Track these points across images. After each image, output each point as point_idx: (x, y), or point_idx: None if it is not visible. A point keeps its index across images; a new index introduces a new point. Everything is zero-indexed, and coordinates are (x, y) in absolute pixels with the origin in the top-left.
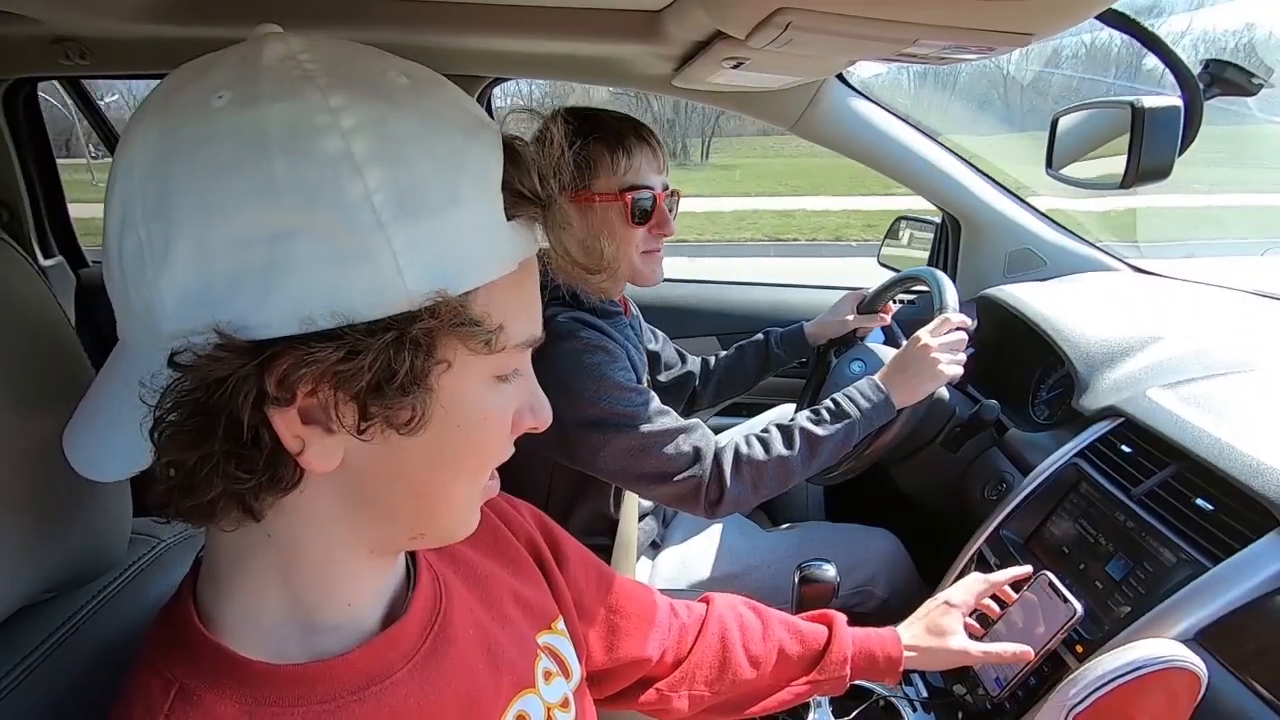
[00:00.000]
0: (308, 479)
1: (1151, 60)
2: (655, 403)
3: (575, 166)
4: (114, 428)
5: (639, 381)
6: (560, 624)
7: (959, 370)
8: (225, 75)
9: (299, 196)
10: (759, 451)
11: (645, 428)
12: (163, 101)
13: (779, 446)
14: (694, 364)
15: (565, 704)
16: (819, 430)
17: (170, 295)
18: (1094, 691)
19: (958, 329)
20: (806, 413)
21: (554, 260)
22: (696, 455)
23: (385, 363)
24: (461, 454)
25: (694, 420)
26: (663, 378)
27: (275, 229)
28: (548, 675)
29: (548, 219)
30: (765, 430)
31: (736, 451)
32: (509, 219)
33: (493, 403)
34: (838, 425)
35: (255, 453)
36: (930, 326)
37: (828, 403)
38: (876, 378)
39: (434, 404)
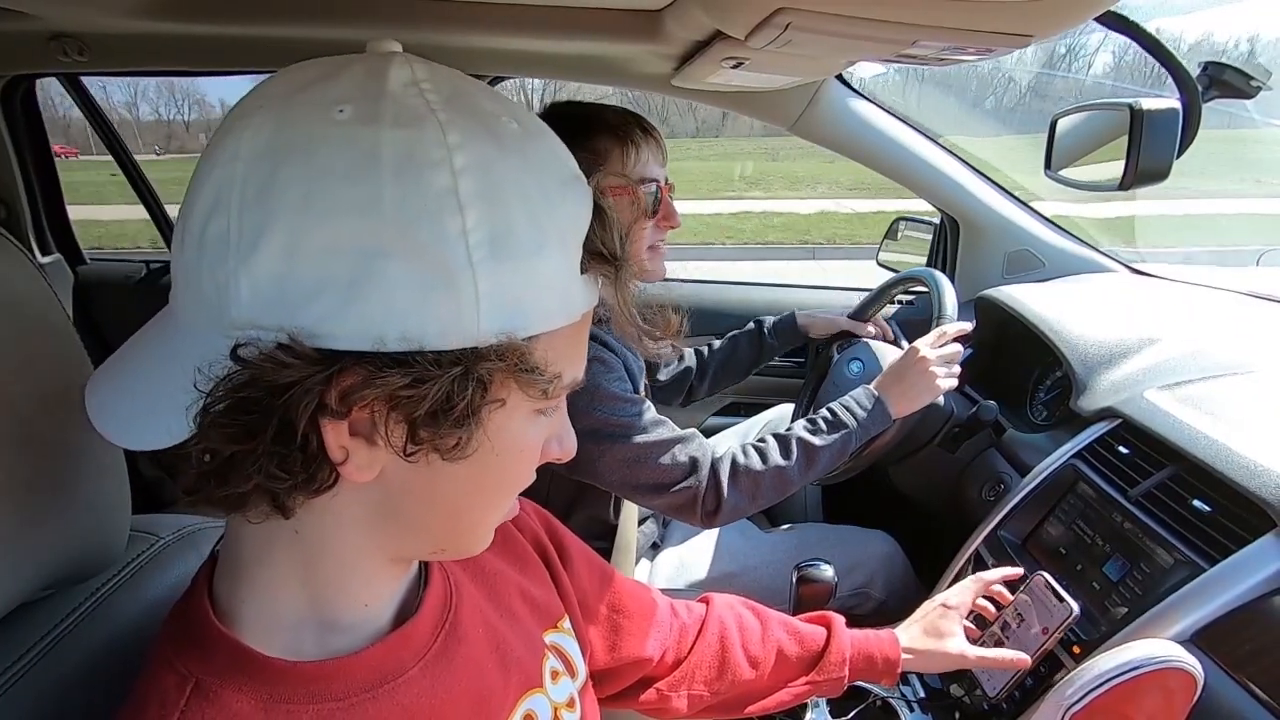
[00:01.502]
0: (342, 485)
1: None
2: (651, 413)
3: (584, 160)
4: (157, 402)
5: (636, 390)
6: (566, 623)
7: (954, 383)
8: (349, 88)
9: (400, 220)
10: (756, 462)
11: (641, 438)
12: (283, 98)
13: (776, 457)
14: (691, 358)
15: (571, 704)
16: (816, 440)
17: (248, 286)
18: (1090, 691)
19: (955, 339)
20: (803, 422)
21: (616, 318)
22: (693, 465)
23: (446, 394)
24: (496, 482)
25: (690, 430)
26: (662, 376)
27: (370, 246)
28: (555, 675)
29: (619, 278)
30: (762, 440)
31: (733, 462)
32: (582, 272)
33: (531, 436)
34: (834, 435)
35: (299, 456)
36: (928, 338)
37: (824, 412)
38: (873, 387)
39: (480, 435)
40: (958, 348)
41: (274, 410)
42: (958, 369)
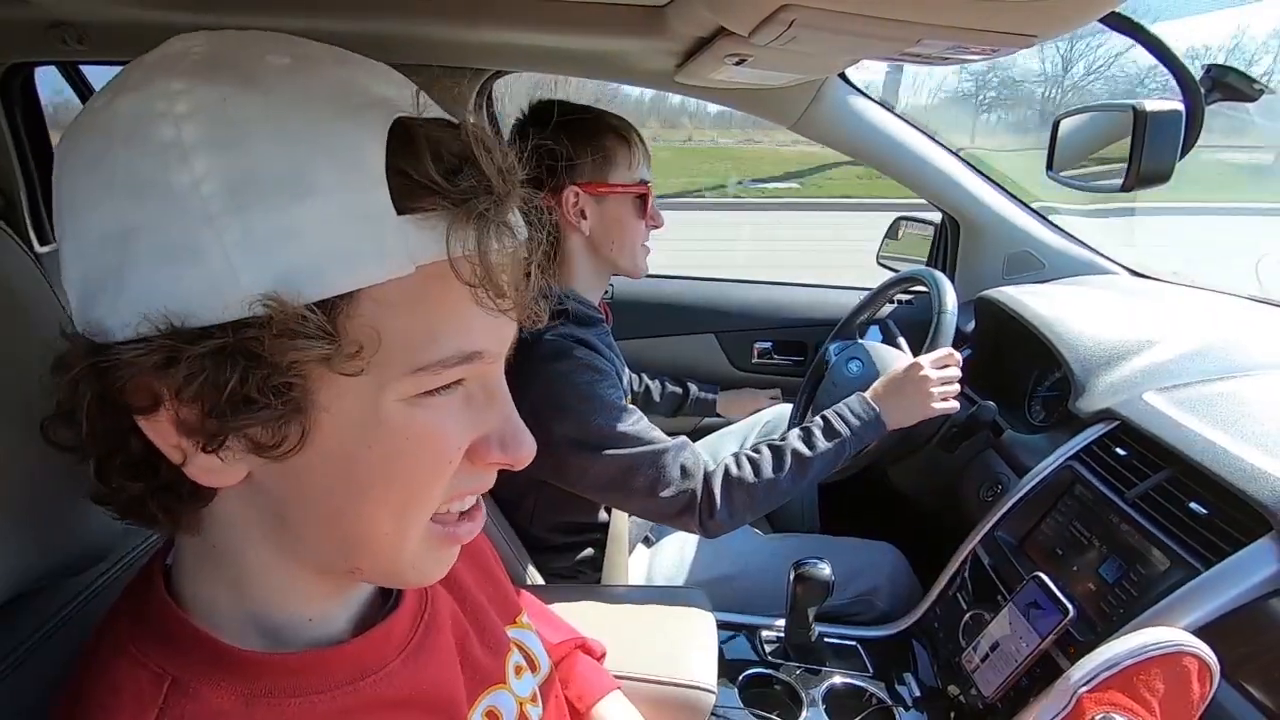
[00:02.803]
0: (226, 491)
1: None
2: (644, 421)
3: (594, 159)
4: None
5: (625, 396)
6: (524, 617)
7: (954, 406)
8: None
9: (130, 190)
10: (749, 473)
11: (635, 447)
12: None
13: (768, 469)
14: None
15: (535, 699)
16: (809, 451)
17: (70, 297)
18: (1101, 673)
19: (955, 365)
20: (798, 431)
21: (460, 267)
22: (686, 473)
23: (209, 374)
24: (378, 482)
25: (682, 438)
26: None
27: (120, 227)
28: (518, 670)
29: (469, 218)
30: (756, 450)
31: (726, 473)
32: (401, 213)
33: (421, 425)
34: (828, 445)
35: (130, 459)
36: (932, 356)
37: (819, 420)
38: (869, 396)
39: (318, 425)
40: (958, 372)
41: (74, 407)
42: (956, 388)
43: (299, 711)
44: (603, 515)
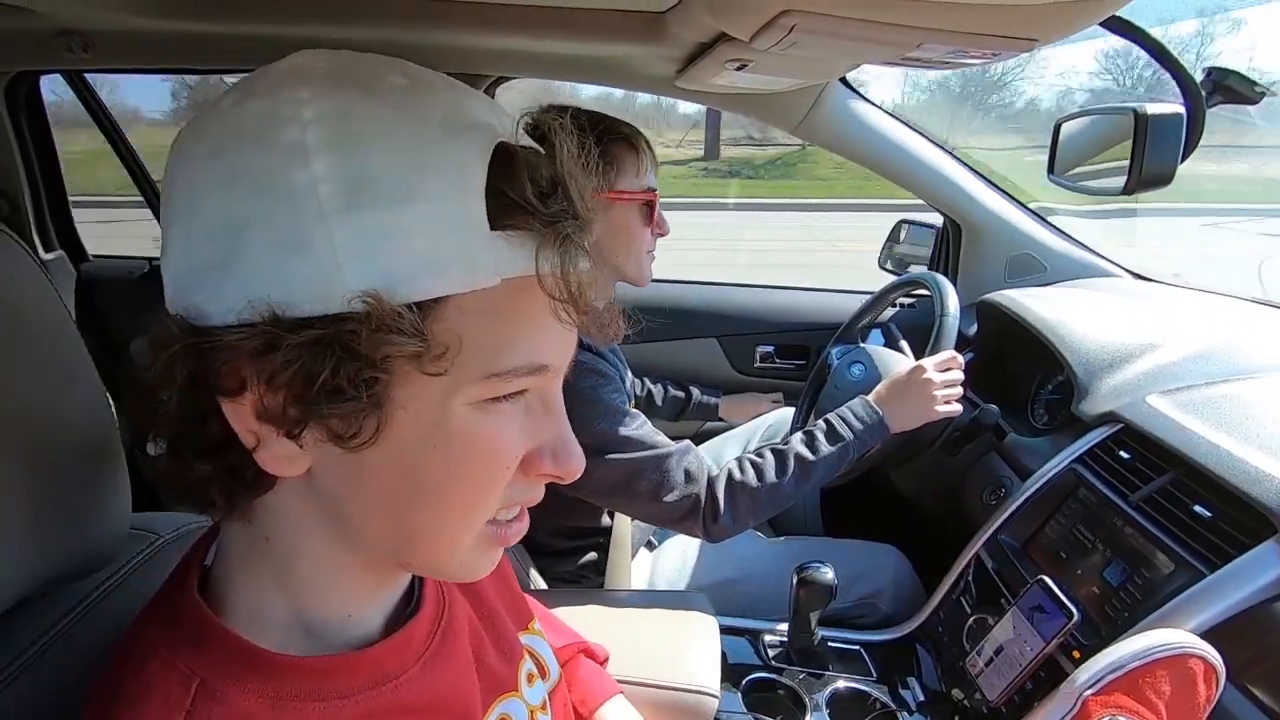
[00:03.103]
0: (284, 483)
1: None
2: (648, 426)
3: (601, 166)
4: None
5: (629, 402)
6: (536, 624)
7: (957, 409)
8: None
9: (250, 185)
10: (752, 478)
11: (638, 451)
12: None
13: (771, 474)
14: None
15: (544, 706)
16: (812, 456)
17: (167, 279)
18: (1106, 676)
19: (958, 368)
20: (801, 435)
21: (545, 283)
22: (689, 477)
23: (304, 363)
24: (441, 483)
25: (686, 443)
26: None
27: (235, 218)
28: (530, 678)
29: (556, 239)
30: (759, 454)
31: (730, 478)
32: (494, 229)
33: (485, 431)
34: (831, 449)
35: (206, 440)
36: (936, 360)
37: (822, 424)
38: (872, 399)
39: (392, 421)
40: (960, 375)
41: (172, 388)
42: (959, 390)
43: (323, 715)
44: (605, 520)
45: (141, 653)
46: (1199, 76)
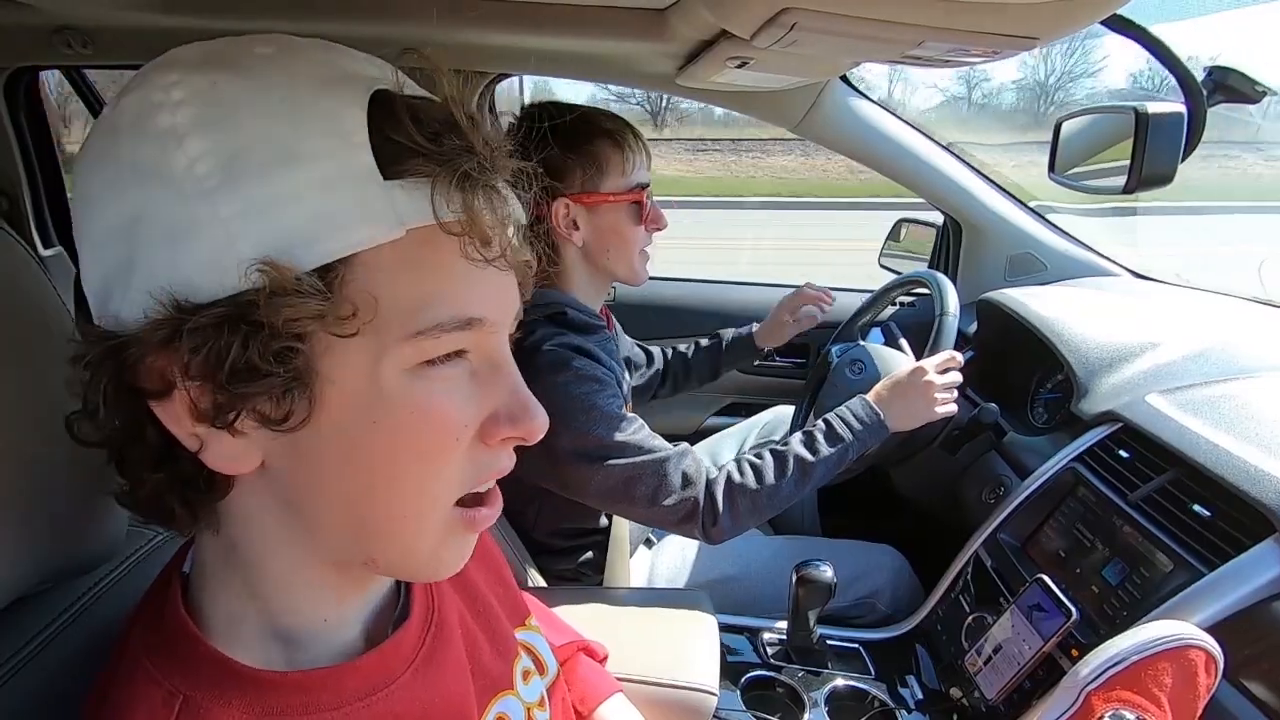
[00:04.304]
0: (242, 485)
1: None
2: (645, 430)
3: (585, 167)
4: None
5: (626, 403)
6: (533, 620)
7: (953, 409)
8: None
9: (134, 178)
10: (751, 480)
11: (636, 457)
12: None
13: (770, 475)
14: (659, 359)
15: (542, 703)
16: (811, 457)
17: (89, 297)
18: (1108, 669)
19: (957, 368)
20: (800, 435)
21: (447, 225)
22: (687, 481)
23: (212, 345)
24: (387, 460)
25: (683, 445)
26: (635, 381)
27: (126, 216)
28: (526, 675)
29: (452, 178)
30: (759, 455)
31: (729, 479)
32: (388, 178)
33: (422, 398)
34: (831, 450)
35: (148, 450)
36: (935, 360)
37: (821, 424)
38: (871, 399)
39: (323, 398)
40: (959, 376)
41: (91, 396)
42: (956, 393)
43: None
44: (604, 520)
45: (128, 663)
46: (1200, 75)
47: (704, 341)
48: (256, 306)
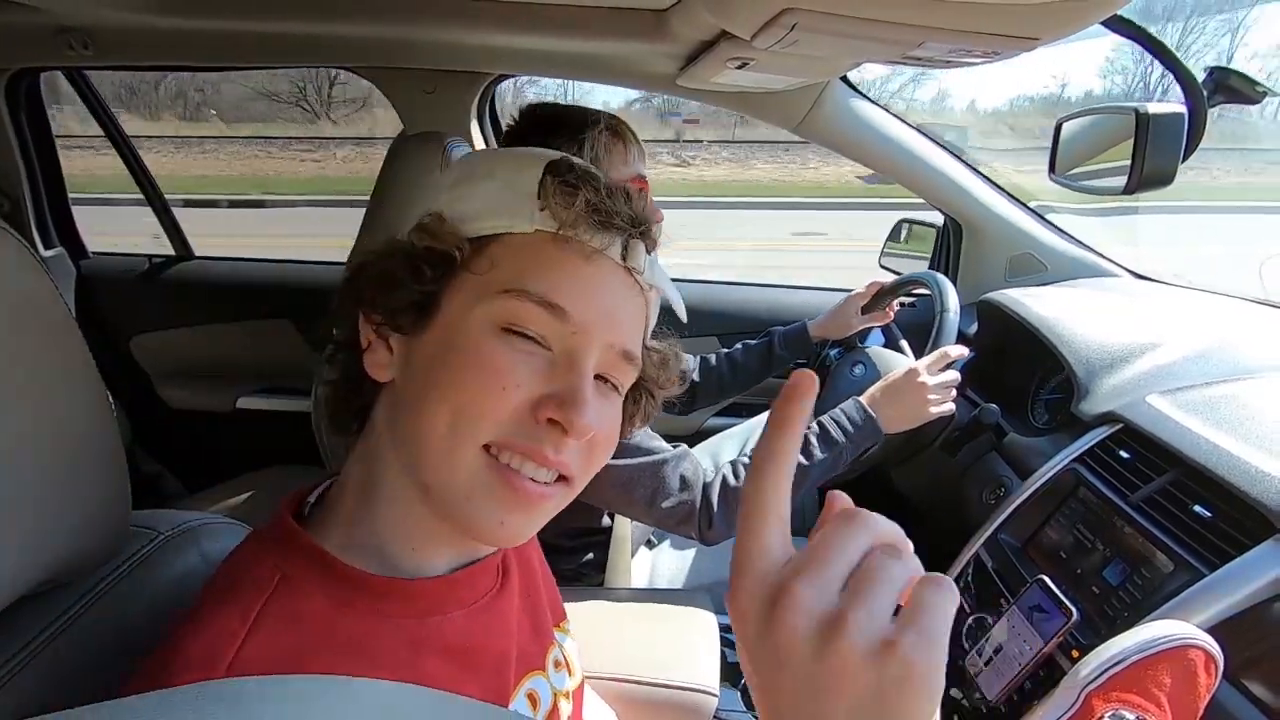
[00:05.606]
0: (379, 397)
1: None
2: (644, 431)
3: (587, 158)
4: None
5: None
6: (568, 625)
7: (950, 409)
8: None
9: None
10: None
11: (635, 458)
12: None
13: None
14: (690, 363)
15: (568, 695)
16: (806, 460)
17: None
18: (1108, 670)
19: (954, 362)
20: None
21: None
22: (685, 484)
23: (389, 267)
24: (444, 380)
25: (682, 448)
26: None
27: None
28: (557, 664)
29: (580, 212)
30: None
31: (724, 485)
32: (539, 198)
33: (491, 348)
34: (825, 454)
35: (351, 351)
36: (927, 361)
37: (815, 427)
38: (865, 401)
39: (435, 318)
40: (955, 375)
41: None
42: (954, 393)
43: (371, 627)
44: (606, 520)
45: (250, 550)
46: (1200, 76)
47: (751, 341)
48: (428, 249)
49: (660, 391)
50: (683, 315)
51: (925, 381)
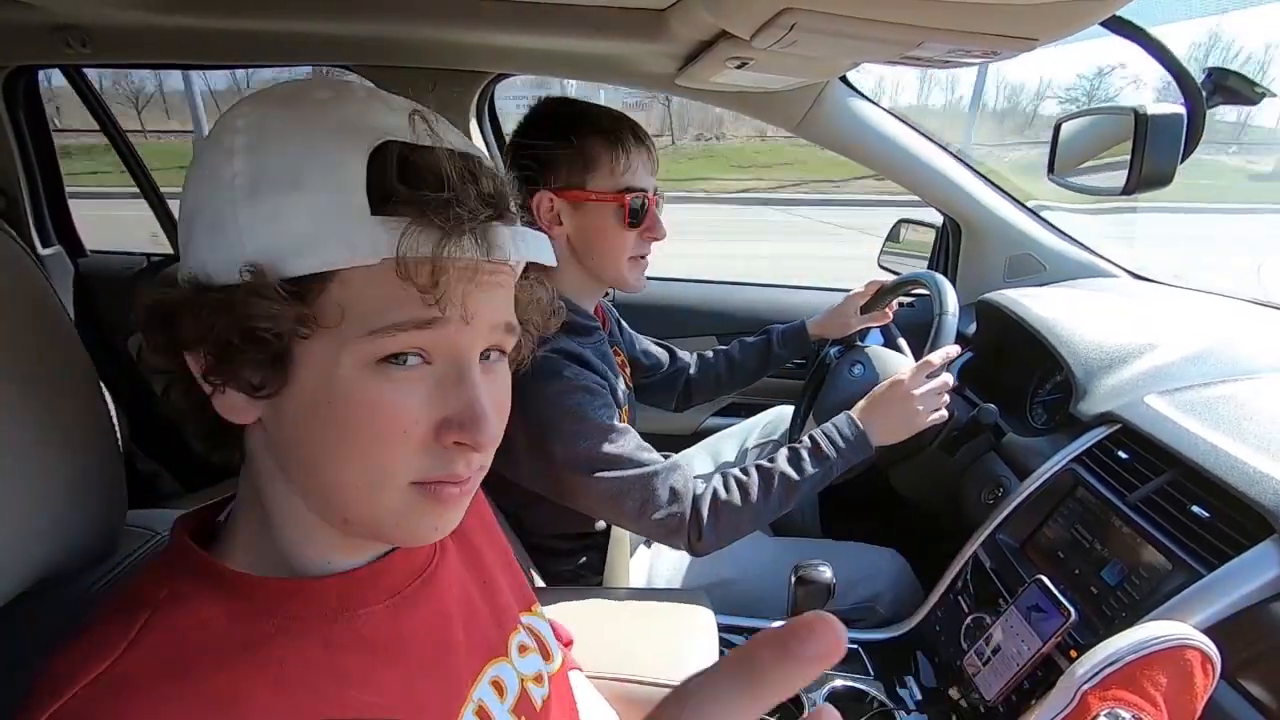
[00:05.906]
0: (255, 438)
1: None
2: (635, 441)
3: (571, 162)
4: None
5: (620, 409)
6: (539, 608)
7: (942, 415)
8: None
9: (203, 180)
10: (736, 497)
11: (625, 470)
12: None
13: (755, 494)
14: (686, 359)
15: (539, 679)
16: (797, 476)
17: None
18: (1104, 669)
19: (941, 370)
20: (786, 453)
21: (404, 265)
22: (674, 496)
23: (212, 321)
24: (338, 438)
25: (673, 459)
26: (653, 378)
27: (190, 209)
28: (523, 649)
29: (425, 225)
30: (745, 472)
31: (715, 496)
32: (375, 214)
33: (376, 392)
34: (815, 469)
35: (190, 389)
36: (911, 372)
37: (807, 441)
38: (855, 415)
39: (296, 376)
40: (946, 379)
41: (154, 341)
42: (946, 398)
43: (274, 631)
44: (600, 524)
45: (138, 572)
46: (1199, 76)
47: (750, 338)
48: (243, 301)
49: (536, 325)
50: (552, 262)
51: (910, 392)
